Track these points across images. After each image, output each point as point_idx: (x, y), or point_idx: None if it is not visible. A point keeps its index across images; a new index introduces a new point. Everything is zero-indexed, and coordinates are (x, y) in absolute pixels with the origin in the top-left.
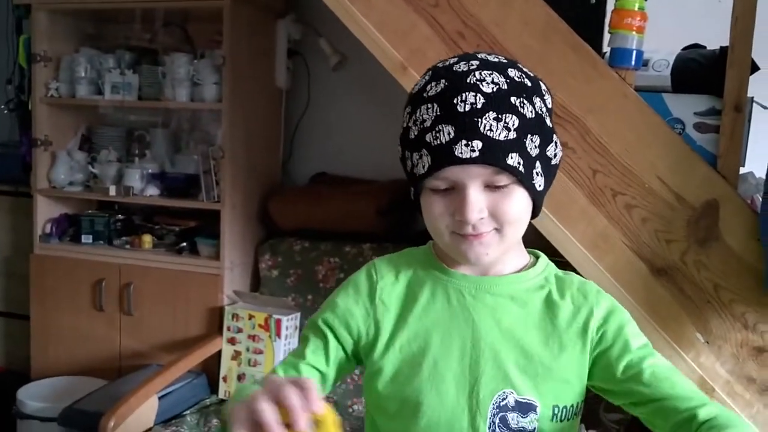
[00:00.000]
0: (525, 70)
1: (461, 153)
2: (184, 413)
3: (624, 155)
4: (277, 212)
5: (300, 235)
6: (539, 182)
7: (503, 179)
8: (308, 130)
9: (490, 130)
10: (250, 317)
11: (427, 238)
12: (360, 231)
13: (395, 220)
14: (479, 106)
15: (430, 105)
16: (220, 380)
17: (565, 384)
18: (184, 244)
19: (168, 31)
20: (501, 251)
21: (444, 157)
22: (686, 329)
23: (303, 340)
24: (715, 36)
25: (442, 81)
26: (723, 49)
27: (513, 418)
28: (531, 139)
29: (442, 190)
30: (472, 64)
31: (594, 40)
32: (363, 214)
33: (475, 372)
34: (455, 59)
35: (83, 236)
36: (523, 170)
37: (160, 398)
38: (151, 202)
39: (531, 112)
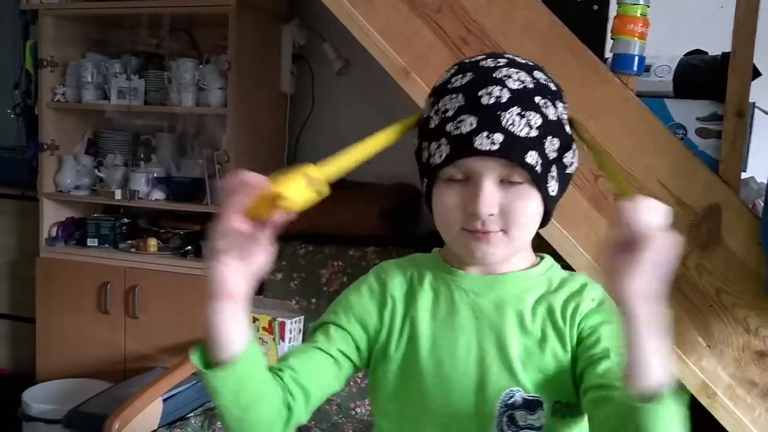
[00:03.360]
0: (550, 75)
1: (481, 145)
2: (189, 416)
3: (626, 160)
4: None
5: (304, 238)
6: (553, 187)
7: (519, 176)
8: (312, 135)
9: (512, 124)
10: (254, 320)
11: (430, 241)
12: (364, 235)
13: (399, 223)
14: (504, 100)
15: (454, 95)
16: None
17: (567, 380)
18: (189, 247)
19: (174, 37)
20: (508, 253)
21: (463, 146)
22: (688, 333)
23: (311, 336)
24: (717, 42)
25: (469, 74)
26: (725, 55)
27: (521, 416)
28: (551, 141)
29: (456, 180)
30: (499, 62)
31: (596, 45)
32: (367, 218)
33: (481, 371)
34: (482, 56)
35: (89, 240)
36: (539, 170)
37: (164, 401)
38: (156, 206)
39: (554, 114)
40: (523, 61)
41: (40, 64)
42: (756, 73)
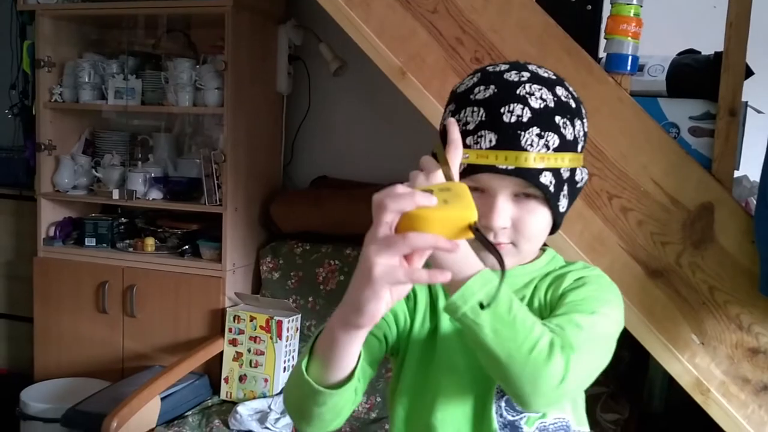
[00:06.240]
0: (571, 89)
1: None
2: (186, 414)
3: (619, 159)
4: (278, 215)
5: (301, 237)
6: (563, 204)
7: (533, 192)
8: (309, 135)
9: (531, 145)
10: (252, 319)
11: None
12: (360, 234)
13: None
14: (525, 119)
15: (476, 109)
16: (222, 381)
17: None
18: (187, 246)
19: (171, 37)
20: (516, 262)
21: (482, 163)
22: (682, 330)
23: None
24: (710, 41)
25: (492, 87)
26: (717, 54)
27: None
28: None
29: (471, 189)
30: (522, 76)
31: (590, 45)
32: (363, 217)
33: None
34: (506, 66)
35: (87, 239)
36: (552, 190)
37: (162, 399)
38: (153, 206)
39: (570, 134)
40: (546, 75)
41: (37, 64)
42: (748, 72)
